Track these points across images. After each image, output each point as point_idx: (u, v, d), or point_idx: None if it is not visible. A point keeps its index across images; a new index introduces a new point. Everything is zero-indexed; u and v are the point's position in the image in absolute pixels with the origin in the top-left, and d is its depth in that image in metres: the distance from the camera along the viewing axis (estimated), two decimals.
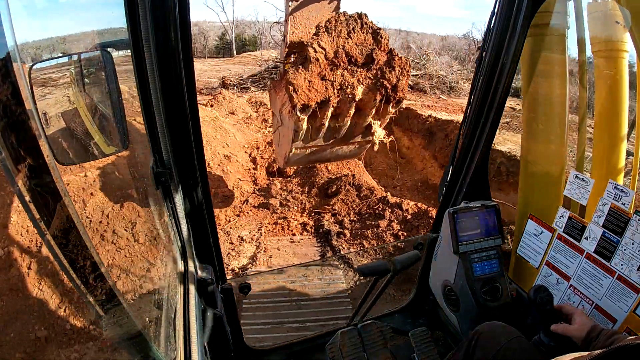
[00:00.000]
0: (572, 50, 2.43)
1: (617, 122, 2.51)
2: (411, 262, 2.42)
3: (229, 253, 5.97)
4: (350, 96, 4.91)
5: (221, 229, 6.53)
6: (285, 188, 7.66)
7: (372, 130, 5.53)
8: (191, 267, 1.77)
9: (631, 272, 1.71)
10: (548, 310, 1.68)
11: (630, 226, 1.70)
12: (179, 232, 1.75)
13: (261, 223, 6.69)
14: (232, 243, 6.25)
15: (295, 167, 8.14)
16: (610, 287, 1.80)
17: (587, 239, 1.89)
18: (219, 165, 8.21)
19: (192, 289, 1.65)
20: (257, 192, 7.68)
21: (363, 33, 4.87)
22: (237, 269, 5.68)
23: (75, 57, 1.03)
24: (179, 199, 1.65)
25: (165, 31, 1.25)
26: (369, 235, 5.96)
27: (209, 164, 8.10)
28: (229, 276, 2.21)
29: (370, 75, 4.94)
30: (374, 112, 5.25)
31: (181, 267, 1.79)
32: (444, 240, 2.35)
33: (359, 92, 4.94)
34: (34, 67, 0.79)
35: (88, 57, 1.04)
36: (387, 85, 4.94)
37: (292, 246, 6.07)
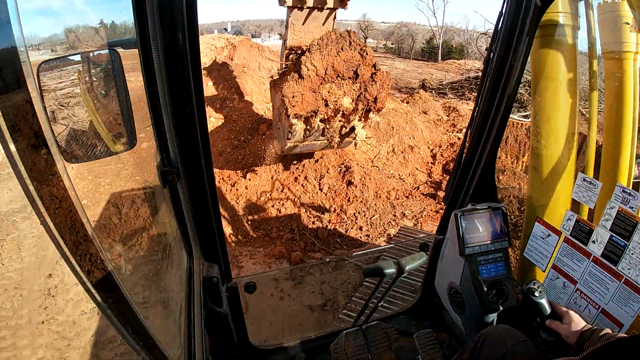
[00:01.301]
0: (582, 51, 2.41)
1: (627, 125, 2.49)
2: (417, 263, 2.41)
3: (389, 222, 6.83)
4: (337, 106, 5.74)
5: (389, 202, 7.36)
6: None
7: (356, 132, 6.37)
8: (197, 266, 1.78)
9: (638, 277, 1.69)
10: (538, 303, 1.73)
11: (638, 230, 1.68)
12: (185, 230, 1.76)
13: (425, 208, 7.34)
14: (395, 215, 7.03)
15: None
16: (617, 291, 1.78)
17: (594, 243, 1.88)
18: (402, 152, 9.03)
19: (197, 287, 1.66)
20: (429, 183, 8.35)
21: (351, 50, 5.61)
22: (391, 235, 6.41)
23: (83, 56, 1.04)
24: (185, 198, 1.66)
25: (172, 31, 1.26)
26: None
27: (393, 150, 8.88)
28: (235, 274, 2.22)
29: (355, 88, 5.76)
30: (357, 118, 6.08)
31: (187, 265, 1.80)
32: (450, 242, 2.34)
33: (345, 102, 5.77)
34: (42, 64, 0.79)
35: (96, 55, 1.05)
36: (369, 97, 5.79)
37: None
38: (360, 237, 6.58)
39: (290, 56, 6.45)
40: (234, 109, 10.06)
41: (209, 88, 10.96)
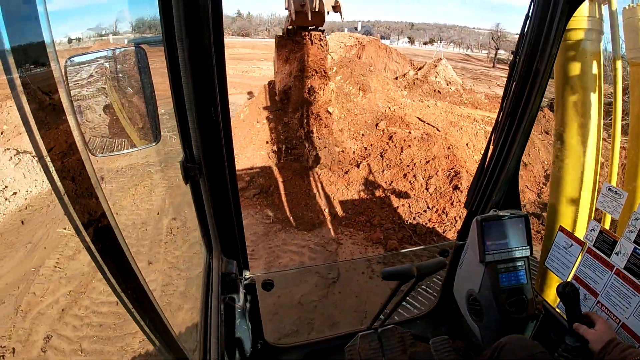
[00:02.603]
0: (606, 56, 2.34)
1: None
2: (436, 268, 2.38)
3: None
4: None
5: None
6: None
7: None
8: (216, 261, 1.80)
9: None
10: (574, 306, 1.66)
11: None
12: (206, 226, 1.79)
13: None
14: None
15: None
16: (639, 306, 1.71)
17: (617, 255, 1.81)
18: None
19: (215, 282, 1.68)
20: (536, 203, 8.44)
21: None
22: None
23: (110, 53, 1.07)
24: (206, 194, 1.69)
25: (198, 29, 1.28)
26: None
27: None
28: (253, 272, 2.23)
29: None
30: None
31: (206, 260, 1.83)
32: (470, 248, 2.30)
33: None
34: (70, 61, 0.82)
35: (122, 52, 1.08)
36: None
37: None
38: None
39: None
40: (356, 104, 10.49)
41: (336, 82, 11.45)
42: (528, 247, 2.19)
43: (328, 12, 9.32)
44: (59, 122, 0.58)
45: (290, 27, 9.62)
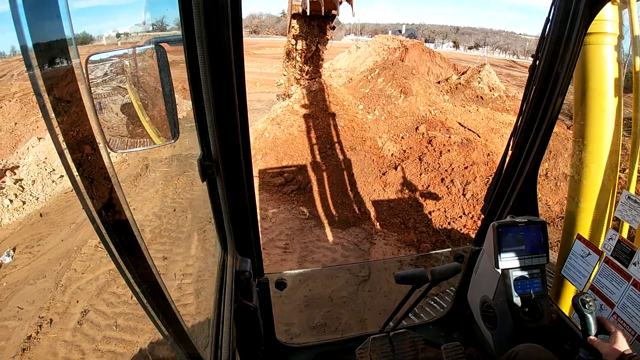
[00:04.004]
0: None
1: None
2: (450, 273, 2.35)
3: None
4: None
5: None
6: None
7: None
8: (230, 259, 1.82)
9: None
10: (590, 317, 1.59)
11: None
12: (221, 224, 1.81)
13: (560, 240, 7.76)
14: None
15: None
16: None
17: (635, 265, 1.76)
18: (554, 178, 9.01)
19: (229, 280, 1.70)
20: None
21: None
22: None
23: (130, 51, 1.09)
24: (223, 192, 1.70)
25: (217, 29, 1.30)
26: None
27: (546, 174, 8.94)
28: (266, 271, 2.25)
29: None
30: None
31: (221, 258, 1.84)
32: (486, 254, 2.27)
33: None
34: (90, 58, 0.84)
35: (142, 51, 1.10)
36: None
37: None
38: None
39: None
40: (397, 106, 10.54)
41: (378, 84, 11.54)
42: (544, 254, 2.14)
43: (341, 2, 9.28)
44: (79, 119, 0.59)
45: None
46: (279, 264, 5.58)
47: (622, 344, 1.52)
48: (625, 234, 1.94)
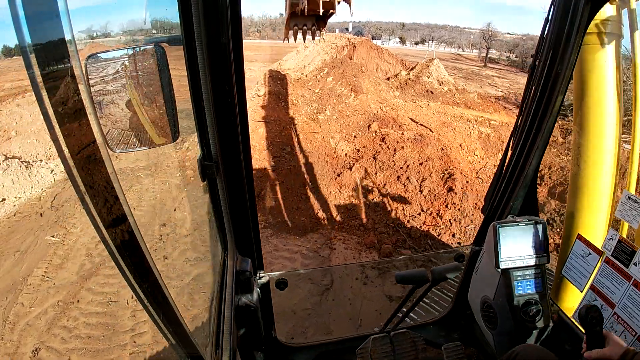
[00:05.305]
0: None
1: None
2: (451, 274, 2.35)
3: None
4: None
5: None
6: None
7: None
8: (231, 259, 1.82)
9: None
10: (597, 332, 1.55)
11: None
12: (222, 223, 1.81)
13: None
14: None
15: None
16: None
17: (635, 265, 1.76)
18: None
19: (229, 279, 1.70)
20: None
21: None
22: None
23: (129, 51, 1.09)
24: (223, 192, 1.70)
25: (217, 29, 1.30)
26: None
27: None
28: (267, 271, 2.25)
29: None
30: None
31: (221, 257, 1.84)
32: (486, 254, 2.27)
33: None
34: (90, 58, 0.84)
35: (142, 51, 1.10)
36: None
37: None
38: (452, 243, 6.61)
39: None
40: (348, 105, 10.48)
41: (327, 84, 11.46)
42: (545, 254, 2.14)
43: (339, 2, 9.26)
44: (79, 119, 0.59)
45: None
46: None
47: (619, 343, 1.51)
48: (625, 234, 1.93)
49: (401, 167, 8.16)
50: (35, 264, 5.37)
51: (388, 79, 15.14)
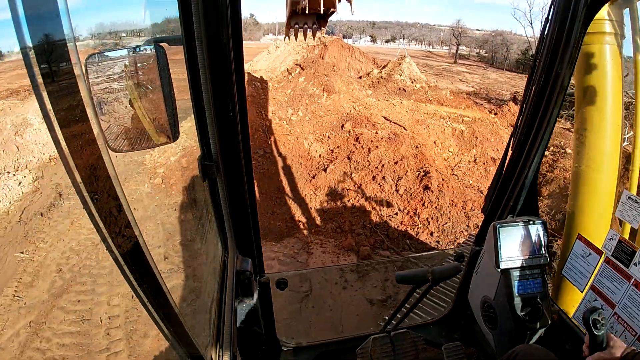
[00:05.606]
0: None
1: None
2: (451, 273, 2.35)
3: (462, 231, 6.88)
4: None
5: (464, 212, 7.35)
6: None
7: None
8: (231, 259, 1.82)
9: None
10: (600, 336, 1.52)
11: None
12: (222, 223, 1.81)
13: None
14: (468, 226, 7.03)
15: None
16: None
17: (636, 265, 1.76)
18: (484, 163, 9.07)
19: (230, 279, 1.70)
20: None
21: None
22: (461, 244, 6.42)
23: (129, 51, 1.09)
24: (223, 192, 1.70)
25: (217, 29, 1.30)
26: None
27: (474, 160, 9.04)
28: (267, 271, 2.25)
29: None
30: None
31: (221, 257, 1.84)
32: (486, 254, 2.27)
33: None
34: (90, 58, 0.84)
35: (142, 50, 1.10)
36: None
37: None
38: (430, 242, 6.56)
39: None
40: (321, 105, 10.36)
41: (299, 84, 11.35)
42: (545, 254, 2.14)
43: (340, 0, 9.30)
44: (80, 119, 0.59)
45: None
46: None
47: (620, 345, 1.50)
48: (627, 235, 1.93)
49: (376, 167, 8.09)
50: (5, 283, 5.11)
51: (360, 77, 15.12)
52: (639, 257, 1.75)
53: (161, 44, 1.07)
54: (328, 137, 9.24)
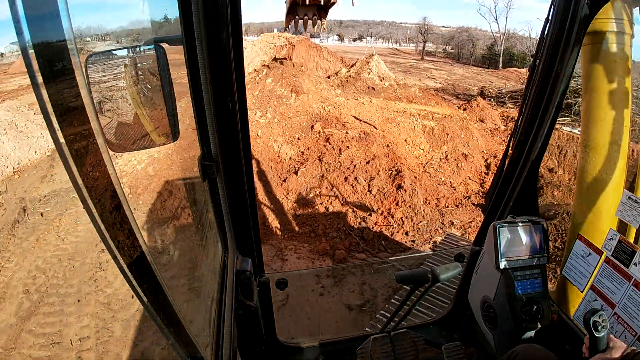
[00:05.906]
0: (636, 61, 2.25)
1: None
2: (451, 274, 2.35)
3: (437, 229, 6.83)
4: None
5: (438, 210, 7.39)
6: None
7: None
8: (231, 259, 1.82)
9: None
10: (601, 338, 1.51)
11: None
12: (222, 223, 1.81)
13: (474, 219, 7.22)
14: (443, 223, 7.03)
15: None
16: None
17: (636, 265, 1.76)
18: (455, 160, 9.07)
19: (230, 279, 1.70)
20: (481, 194, 8.24)
21: None
22: (437, 242, 6.34)
23: (129, 51, 1.09)
24: (223, 192, 1.70)
25: (217, 28, 1.30)
26: None
27: (446, 157, 9.03)
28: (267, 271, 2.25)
29: None
30: None
31: (221, 257, 1.84)
32: (487, 254, 2.27)
33: None
34: (90, 57, 0.84)
35: (142, 50, 1.10)
36: None
37: None
38: (406, 241, 6.52)
39: None
40: (290, 106, 10.25)
41: (267, 85, 11.23)
42: (545, 254, 2.14)
43: None
44: (79, 119, 0.59)
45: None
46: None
47: (620, 345, 1.50)
48: (632, 235, 1.92)
49: (348, 168, 8.02)
50: None
51: (329, 77, 15.09)
52: (639, 257, 1.75)
53: (161, 43, 1.07)
54: (298, 138, 9.11)
